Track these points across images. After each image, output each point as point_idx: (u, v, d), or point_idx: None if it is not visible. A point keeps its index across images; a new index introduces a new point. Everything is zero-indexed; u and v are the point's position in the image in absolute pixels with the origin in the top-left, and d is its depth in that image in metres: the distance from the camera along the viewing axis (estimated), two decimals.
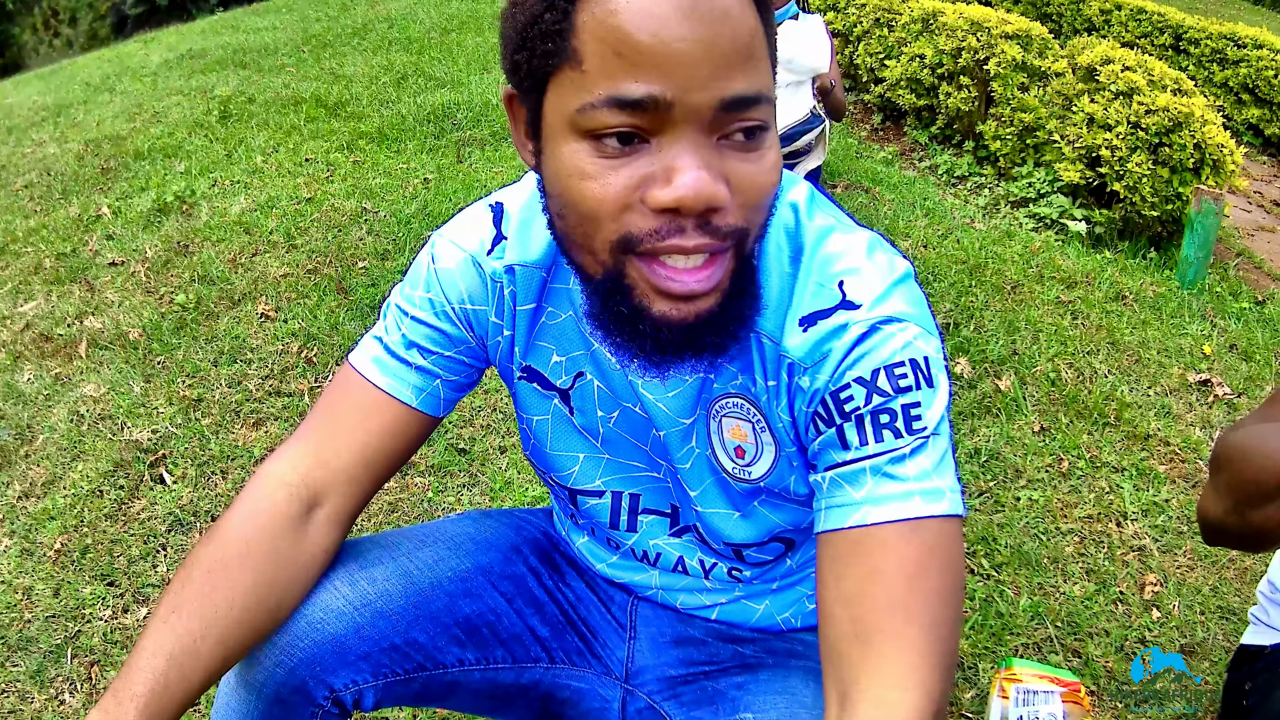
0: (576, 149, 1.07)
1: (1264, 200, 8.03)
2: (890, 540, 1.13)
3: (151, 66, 10.33)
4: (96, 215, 5.59)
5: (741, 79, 1.03)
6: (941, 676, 1.10)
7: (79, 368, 3.93)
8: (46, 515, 3.11)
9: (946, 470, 1.16)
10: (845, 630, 1.12)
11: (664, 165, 1.04)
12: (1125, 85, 5.45)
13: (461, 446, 3.37)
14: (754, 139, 1.07)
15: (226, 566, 1.31)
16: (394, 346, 1.43)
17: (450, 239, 1.43)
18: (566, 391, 1.45)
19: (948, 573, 1.14)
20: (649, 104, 1.02)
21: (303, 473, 1.39)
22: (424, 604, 1.50)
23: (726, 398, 1.34)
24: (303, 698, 1.42)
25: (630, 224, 1.06)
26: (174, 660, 1.23)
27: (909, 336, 1.18)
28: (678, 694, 1.61)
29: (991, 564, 2.91)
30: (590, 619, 1.69)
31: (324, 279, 4.47)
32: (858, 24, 8.37)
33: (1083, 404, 3.66)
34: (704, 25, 1.01)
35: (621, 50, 1.01)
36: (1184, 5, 22.80)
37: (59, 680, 2.58)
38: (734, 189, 1.06)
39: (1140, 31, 11.61)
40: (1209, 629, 2.75)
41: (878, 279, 1.21)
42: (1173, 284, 4.90)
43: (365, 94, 7.95)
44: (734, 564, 1.55)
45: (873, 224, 5.15)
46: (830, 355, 1.20)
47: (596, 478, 1.52)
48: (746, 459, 1.37)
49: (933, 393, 1.17)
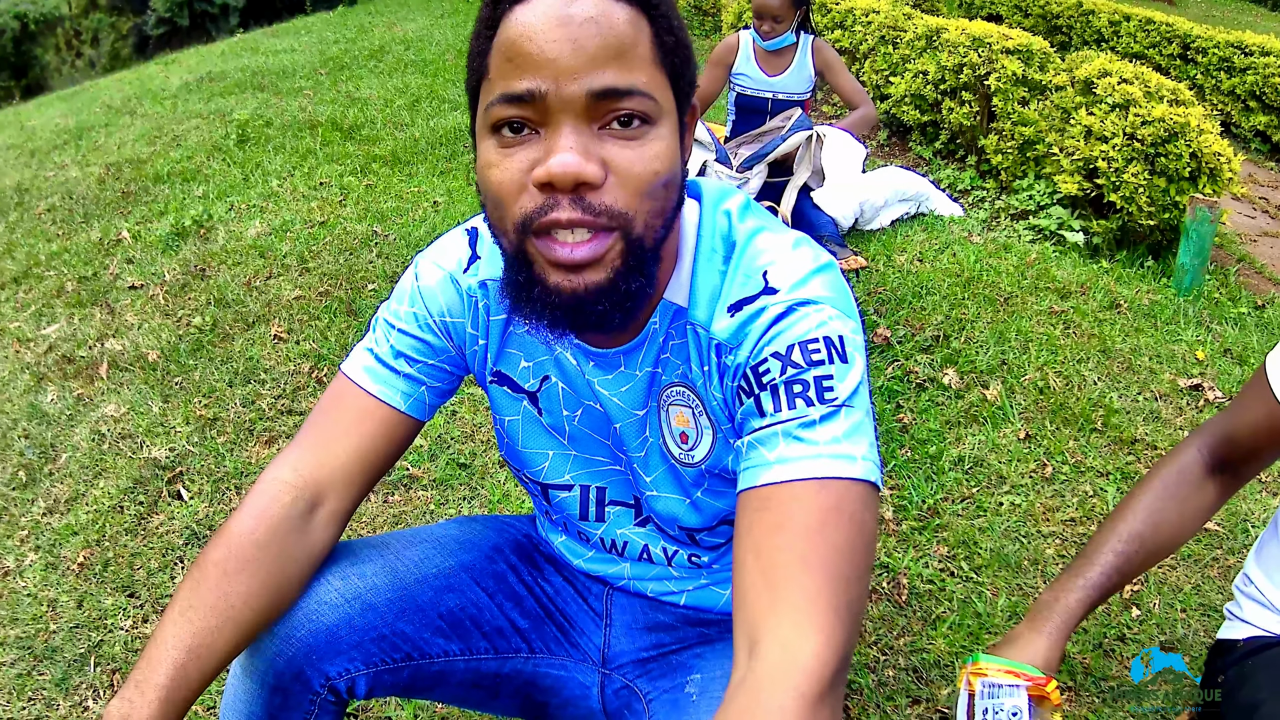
0: (487, 144, 1.28)
1: (1269, 206, 8.01)
2: (798, 496, 1.23)
3: (172, 89, 10.45)
4: (117, 239, 5.71)
5: (612, 73, 1.21)
6: (845, 625, 1.18)
7: (100, 389, 4.04)
8: (70, 530, 3.22)
9: (860, 440, 1.27)
10: (755, 579, 1.22)
11: (546, 149, 1.22)
12: (1122, 97, 5.47)
13: (462, 462, 3.48)
14: (631, 128, 1.24)
15: (239, 565, 1.44)
16: (384, 356, 1.57)
17: (431, 260, 1.59)
18: (534, 394, 1.60)
19: (854, 530, 1.23)
20: (529, 96, 1.21)
21: (305, 475, 1.52)
22: (410, 598, 1.63)
23: (671, 387, 1.49)
24: (301, 686, 1.54)
25: (524, 204, 1.24)
26: (192, 653, 1.36)
27: (824, 316, 1.31)
28: (648, 671, 1.76)
29: (971, 566, 2.98)
30: (568, 610, 1.83)
31: (335, 301, 4.58)
32: (864, 41, 8.42)
33: (1070, 411, 3.71)
34: (573, 29, 1.20)
35: (510, 56, 1.22)
36: (1200, 15, 22.79)
37: (83, 687, 2.67)
38: (612, 171, 1.23)
39: (1149, 42, 11.62)
40: (1190, 625, 2.81)
41: (798, 268, 1.37)
42: (1169, 291, 4.95)
43: (380, 117, 8.05)
44: (692, 550, 1.69)
45: (869, 242, 5.26)
46: (750, 333, 1.34)
47: (565, 472, 1.66)
48: (690, 443, 1.51)
49: (846, 368, 1.30)
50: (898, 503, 3.27)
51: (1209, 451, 1.95)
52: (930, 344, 4.14)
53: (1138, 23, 11.99)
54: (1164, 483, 1.95)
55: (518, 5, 1.22)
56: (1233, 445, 1.91)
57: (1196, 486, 1.94)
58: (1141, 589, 2.93)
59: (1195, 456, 1.95)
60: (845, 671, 1.19)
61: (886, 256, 5.01)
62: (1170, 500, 1.92)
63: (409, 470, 3.42)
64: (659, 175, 1.26)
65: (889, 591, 2.88)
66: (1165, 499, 1.93)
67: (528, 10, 1.21)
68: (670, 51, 1.29)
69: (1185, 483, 1.94)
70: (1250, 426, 1.86)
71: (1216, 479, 1.95)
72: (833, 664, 1.15)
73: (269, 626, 1.50)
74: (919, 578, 2.93)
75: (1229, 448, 1.92)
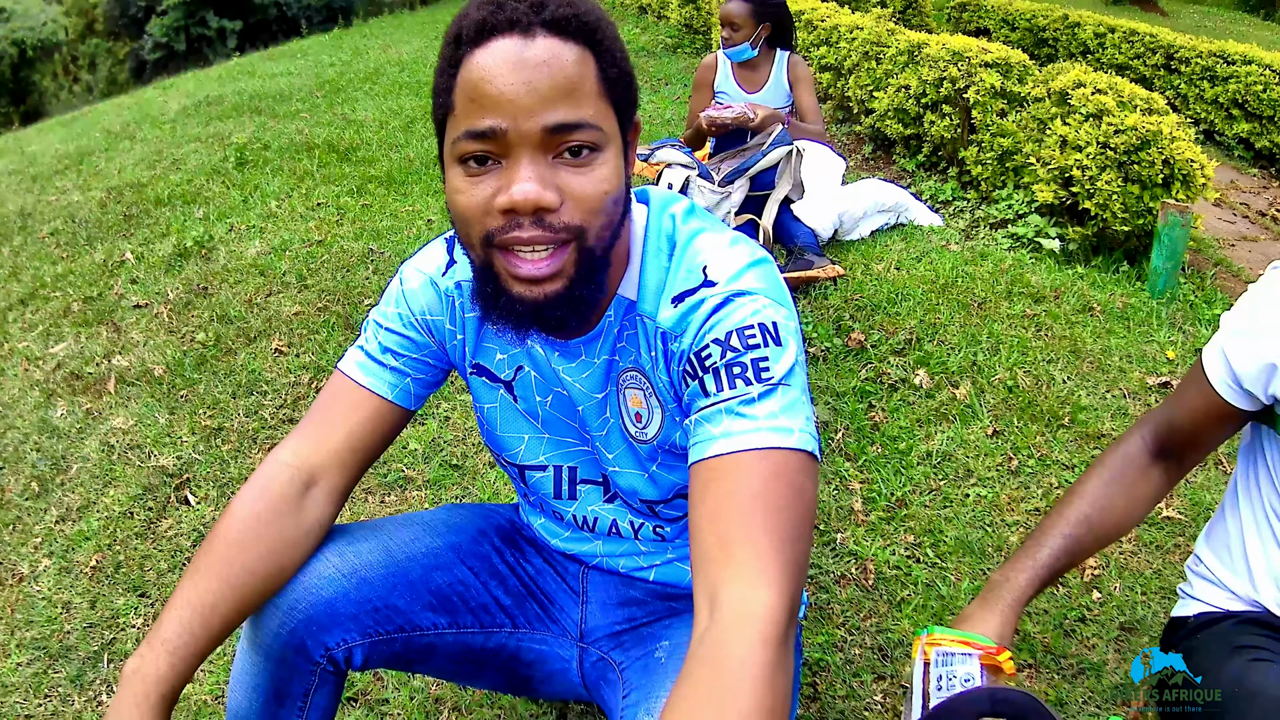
0: (455, 172, 1.46)
1: (1249, 211, 8.10)
2: (743, 465, 1.40)
3: (170, 113, 10.54)
4: (121, 260, 5.84)
5: (562, 110, 1.39)
6: (792, 577, 1.34)
7: (108, 402, 4.19)
8: (82, 536, 3.35)
9: (796, 414, 1.44)
10: (710, 543, 1.37)
11: (507, 178, 1.40)
12: (1095, 107, 5.56)
13: (454, 463, 3.62)
14: (581, 157, 1.42)
15: (241, 536, 1.62)
16: (373, 353, 1.77)
17: (414, 265, 1.79)
18: (510, 383, 1.79)
19: (794, 493, 1.40)
20: (490, 133, 1.39)
21: (302, 458, 1.71)
22: (401, 574, 1.80)
23: (626, 372, 1.67)
24: (303, 656, 1.71)
25: (488, 224, 1.43)
26: (198, 612, 1.54)
27: (758, 305, 1.50)
28: (621, 643, 1.94)
29: (937, 553, 3.10)
30: (548, 588, 2.00)
31: (333, 316, 4.73)
32: (848, 57, 8.52)
33: (1038, 408, 3.82)
34: (527, 73, 1.38)
35: (473, 96, 1.40)
36: (1193, 25, 22.89)
37: (97, 683, 2.80)
38: (566, 195, 1.42)
39: (1134, 53, 11.74)
40: (1150, 607, 2.91)
41: (734, 263, 1.55)
42: (1143, 295, 5.05)
43: (375, 138, 8.17)
44: (654, 522, 1.86)
45: (849, 251, 5.39)
46: (693, 322, 1.53)
47: (540, 454, 1.85)
48: (643, 422, 1.70)
49: (781, 350, 1.47)
50: (867, 495, 3.39)
51: (1152, 439, 2.06)
52: (903, 347, 4.25)
53: (1122, 34, 12.10)
54: (1110, 469, 2.06)
55: (478, 49, 1.39)
56: (1174, 432, 2.03)
57: (1142, 472, 2.05)
58: (1102, 573, 3.04)
59: (1139, 444, 2.07)
60: (796, 618, 1.34)
61: (865, 265, 5.12)
62: (1116, 485, 2.04)
63: (404, 472, 3.55)
64: (608, 195, 1.45)
65: (856, 576, 3.00)
66: (1111, 484, 2.04)
67: (487, 54, 1.38)
68: (613, 82, 1.47)
69: (1130, 468, 2.05)
70: (1189, 414, 1.98)
71: (1161, 465, 2.06)
72: (785, 611, 1.30)
73: (272, 590, 1.67)
74: (886, 564, 3.05)
75: (1171, 435, 2.03)
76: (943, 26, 16.10)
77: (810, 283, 4.77)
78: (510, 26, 1.38)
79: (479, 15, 1.40)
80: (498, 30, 1.38)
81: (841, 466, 3.55)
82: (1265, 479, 1.99)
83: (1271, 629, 1.96)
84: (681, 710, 1.24)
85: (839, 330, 4.41)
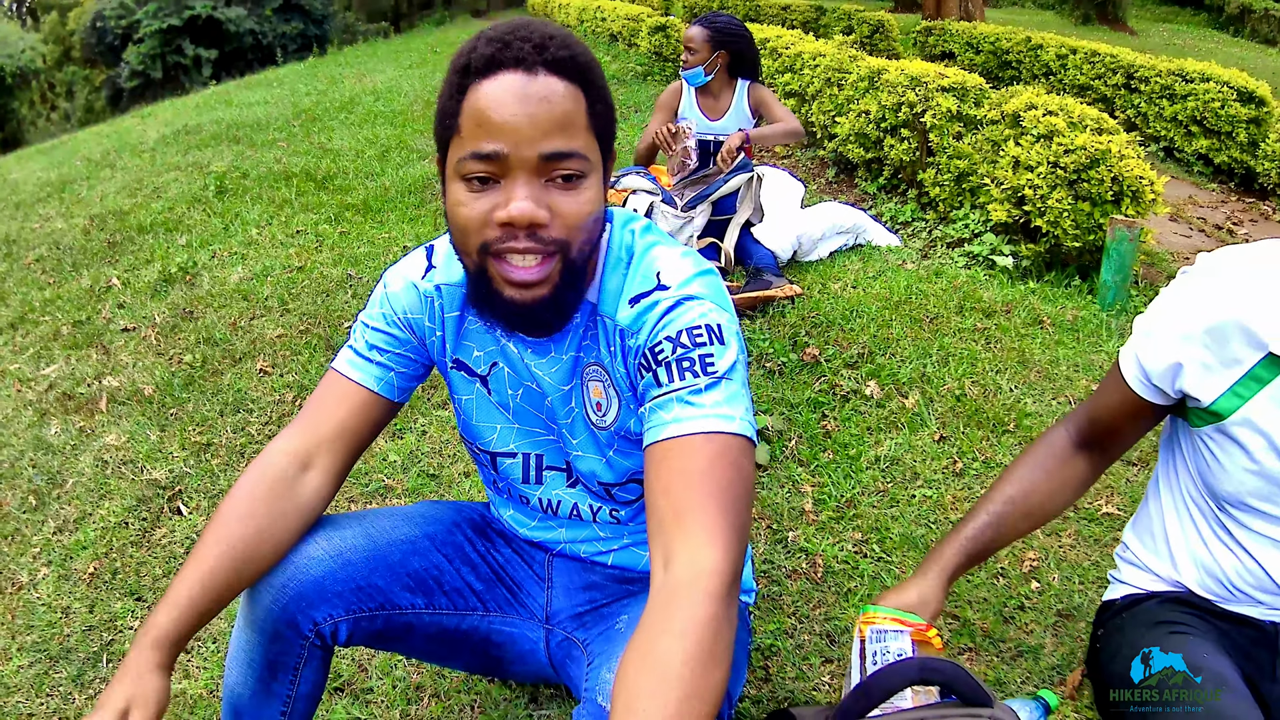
0: (457, 187, 1.66)
1: (1206, 224, 8.27)
2: (692, 446, 1.61)
3: (149, 142, 10.67)
4: (107, 286, 6.00)
5: (558, 141, 1.61)
6: (736, 542, 1.53)
7: (101, 421, 4.35)
8: (79, 546, 3.51)
9: (737, 405, 1.66)
10: (665, 513, 1.57)
11: (506, 196, 1.61)
12: (1046, 128, 5.72)
13: (431, 473, 3.79)
14: (571, 182, 1.64)
15: (242, 512, 1.83)
16: (360, 350, 1.99)
17: (397, 271, 2.01)
18: (485, 377, 2.01)
19: (736, 471, 1.61)
20: (494, 156, 1.59)
21: (297, 444, 1.92)
22: (382, 557, 2.00)
23: (590, 366, 1.89)
24: (294, 631, 1.91)
25: (486, 234, 1.64)
26: (203, 582, 1.74)
27: (705, 309, 1.72)
28: (584, 623, 2.15)
29: (883, 549, 3.27)
30: (515, 575, 2.22)
31: (314, 338, 4.93)
32: (811, 84, 8.72)
33: (984, 415, 4.00)
34: (530, 105, 1.59)
35: (480, 122, 1.60)
36: (1162, 43, 23.09)
37: (97, 682, 2.95)
38: (555, 214, 1.63)
39: (1095, 73, 11.93)
40: (1086, 594, 3.08)
41: (684, 271, 1.79)
42: (1094, 307, 5.23)
43: (352, 167, 8.35)
44: (611, 505, 2.08)
45: (807, 271, 5.57)
46: (648, 321, 1.75)
47: (510, 442, 2.06)
48: (602, 411, 1.92)
49: (724, 348, 1.69)
50: (818, 497, 3.56)
51: (1076, 431, 2.24)
52: (856, 360, 4.43)
53: (1084, 55, 12.31)
54: (1035, 456, 2.24)
55: (485, 80, 1.60)
56: (1095, 425, 2.20)
57: (1065, 460, 2.23)
58: (1041, 565, 3.22)
59: (1063, 435, 2.25)
60: (739, 577, 1.53)
61: (822, 284, 5.31)
62: (1040, 470, 2.22)
63: (384, 481, 3.72)
64: (590, 214, 1.68)
65: (807, 571, 3.18)
66: (1036, 469, 2.22)
67: (494, 86, 1.59)
68: (600, 117, 1.70)
69: (1054, 456, 2.23)
70: (1108, 408, 2.15)
71: (1085, 454, 2.23)
72: (730, 569, 1.50)
73: (269, 563, 1.87)
74: (834, 559, 3.23)
75: (1092, 427, 2.21)
76: (910, 51, 16.29)
77: (768, 302, 4.95)
78: (516, 64, 1.59)
79: (489, 50, 1.61)
80: (505, 66, 1.60)
81: (794, 471, 3.72)
82: (1183, 468, 2.16)
83: (1191, 606, 2.13)
84: (636, 650, 1.42)
85: (795, 346, 4.58)
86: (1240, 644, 2.09)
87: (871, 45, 15.64)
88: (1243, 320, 1.86)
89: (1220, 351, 1.90)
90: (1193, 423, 2.05)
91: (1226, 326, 1.88)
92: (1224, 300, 1.88)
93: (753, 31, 5.91)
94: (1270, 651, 2.09)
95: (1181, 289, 1.98)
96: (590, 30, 18.71)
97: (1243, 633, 2.10)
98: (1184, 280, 1.99)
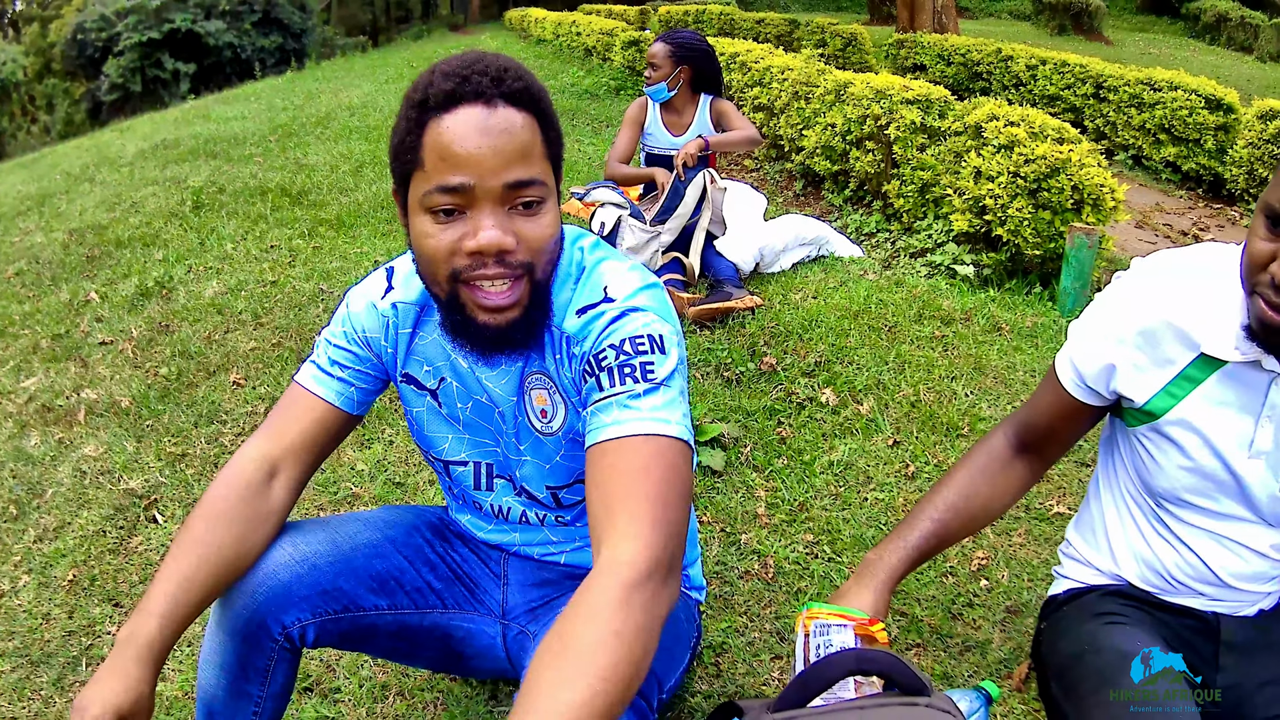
0: (422, 220, 1.74)
1: (1172, 231, 8.40)
2: (627, 446, 1.70)
3: (128, 156, 10.72)
4: (86, 300, 6.08)
5: (519, 170, 1.70)
6: (663, 535, 1.60)
7: (79, 432, 4.43)
8: (58, 554, 3.57)
9: (675, 410, 1.75)
10: (599, 509, 1.67)
11: (473, 226, 1.69)
12: (1007, 139, 5.83)
13: (397, 481, 3.87)
14: (532, 208, 1.74)
15: (215, 517, 1.91)
16: (323, 365, 2.09)
17: (358, 291, 2.11)
18: (435, 391, 2.11)
19: (670, 470, 1.69)
20: (460, 189, 1.67)
21: (264, 452, 2.01)
22: (346, 561, 2.10)
23: (533, 375, 1.99)
24: (264, 634, 2.00)
25: (455, 263, 1.72)
26: (180, 586, 1.82)
27: (648, 319, 1.82)
28: (537, 617, 2.27)
29: (833, 550, 3.35)
30: (473, 574, 2.32)
31: (286, 351, 5.01)
32: (779, 97, 8.82)
33: (938, 420, 4.09)
34: (493, 138, 1.67)
35: (445, 156, 1.67)
36: (1138, 52, 23.18)
37: (77, 686, 3.00)
38: (520, 239, 1.73)
39: (1064, 83, 12.05)
40: (1035, 591, 3.16)
41: (630, 284, 1.88)
42: (1054, 314, 5.32)
43: (326, 182, 8.42)
44: (558, 511, 2.20)
45: (769, 283, 5.65)
46: (593, 330, 1.84)
47: (461, 451, 2.17)
48: (548, 417, 2.03)
49: (664, 358, 1.79)
50: (771, 500, 3.64)
51: (1014, 435, 2.32)
52: (813, 369, 4.52)
53: (1053, 66, 12.41)
54: (975, 462, 2.32)
55: (446, 114, 1.69)
56: (1032, 429, 2.28)
57: (1005, 464, 2.31)
58: (990, 563, 3.29)
59: (1002, 439, 2.33)
60: (662, 571, 1.59)
61: (783, 295, 5.40)
62: (980, 475, 2.30)
63: (352, 489, 3.79)
64: (551, 237, 1.79)
65: (758, 571, 3.26)
66: (976, 474, 2.30)
67: (455, 120, 1.68)
68: (553, 144, 1.80)
69: (993, 460, 2.31)
70: (1045, 412, 2.23)
71: (1024, 458, 2.31)
72: (648, 562, 1.56)
73: (242, 569, 1.96)
74: (786, 560, 3.31)
75: (1030, 431, 2.29)
76: (882, 64, 16.39)
77: (728, 313, 5.04)
78: (476, 97, 1.68)
79: (447, 85, 1.69)
80: (464, 100, 1.68)
81: (749, 477, 3.80)
82: (1121, 466, 2.24)
83: (1130, 598, 2.22)
84: (549, 634, 1.50)
85: (753, 355, 4.67)
86: (1182, 634, 2.17)
87: (844, 59, 15.73)
88: (1174, 321, 1.94)
89: (1152, 352, 1.98)
90: (1128, 422, 2.12)
91: (1158, 328, 1.96)
92: (1156, 302, 1.96)
93: (724, 46, 6.01)
94: (1212, 641, 2.17)
95: (1115, 292, 2.06)
96: (565, 45, 18.76)
97: (1184, 623, 2.18)
98: (1118, 284, 2.06)
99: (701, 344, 4.80)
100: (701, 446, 3.87)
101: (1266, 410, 1.95)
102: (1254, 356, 1.88)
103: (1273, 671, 2.11)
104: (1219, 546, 2.11)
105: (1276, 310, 1.74)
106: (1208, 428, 1.98)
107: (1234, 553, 2.11)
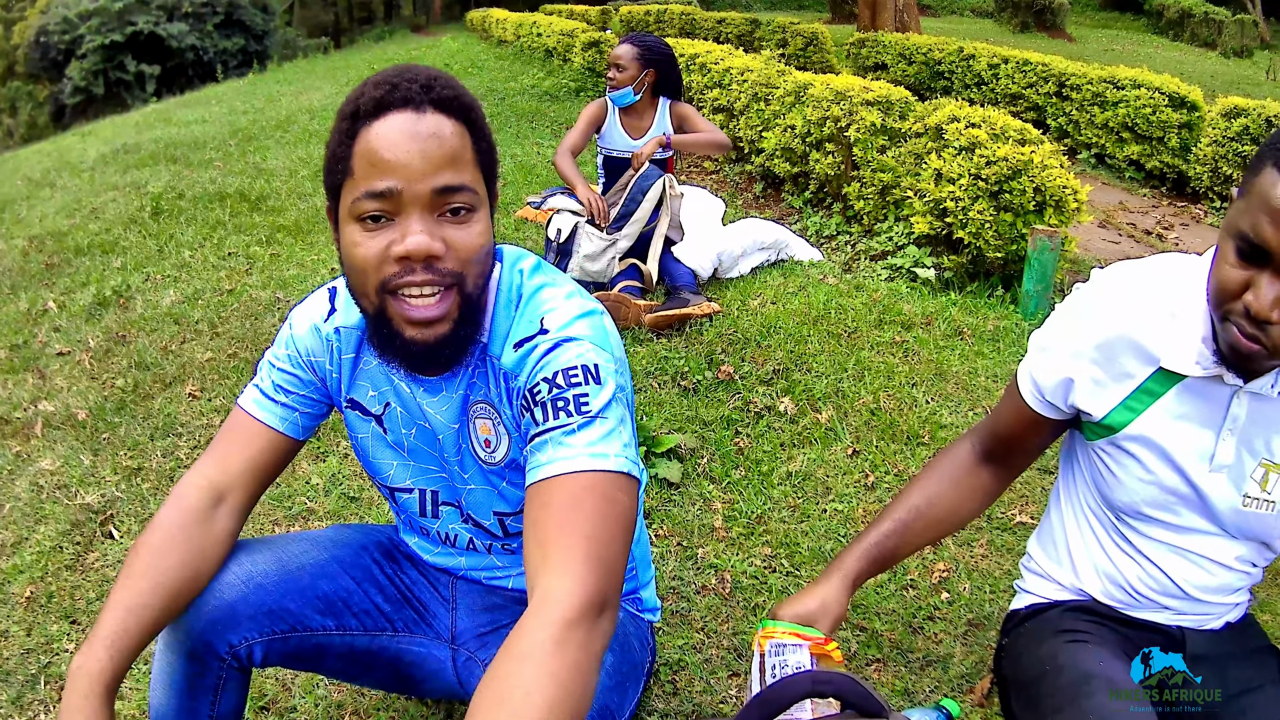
0: (352, 229, 1.73)
1: (1135, 230, 8.43)
2: (560, 484, 1.68)
3: (89, 161, 10.68)
4: (44, 309, 6.06)
5: (448, 175, 1.69)
6: (595, 572, 1.58)
7: (36, 446, 4.40)
8: (16, 570, 3.54)
9: (613, 441, 1.73)
10: (533, 548, 1.65)
11: (401, 232, 1.68)
12: (968, 140, 5.85)
13: (352, 495, 3.86)
14: (460, 215, 1.73)
15: (163, 544, 1.89)
16: (267, 390, 2.07)
17: (301, 312, 2.10)
18: (379, 416, 2.10)
19: (606, 504, 1.67)
20: (388, 193, 1.66)
21: (211, 479, 1.99)
22: (293, 581, 2.09)
23: (478, 404, 1.98)
24: (211, 653, 1.99)
25: (384, 271, 1.71)
26: (131, 611, 1.79)
27: (583, 349, 1.80)
28: (485, 643, 2.26)
29: (792, 564, 3.35)
30: (422, 596, 2.31)
31: (242, 362, 5.00)
32: (739, 99, 8.83)
33: (898, 428, 4.09)
34: (420, 143, 1.67)
35: (373, 162, 1.67)
36: (1101, 48, 23.27)
37: (35, 703, 2.98)
38: (449, 246, 1.71)
39: (1026, 82, 12.08)
40: (998, 603, 3.16)
41: (567, 313, 1.86)
42: (1016, 316, 5.34)
43: (285, 188, 8.42)
44: (504, 540, 2.19)
45: (728, 289, 5.66)
46: (528, 363, 1.83)
47: (406, 478, 2.16)
48: (491, 447, 2.01)
49: (599, 388, 1.77)
50: (728, 513, 3.64)
51: (980, 444, 2.31)
52: (771, 377, 4.53)
53: (1015, 64, 12.44)
54: (939, 468, 2.31)
55: (376, 121, 1.69)
56: (994, 438, 2.27)
57: (969, 471, 2.30)
58: (951, 575, 3.30)
59: (966, 448, 2.32)
60: (599, 608, 1.58)
61: (741, 301, 5.40)
62: (944, 481, 2.29)
63: (307, 504, 3.78)
64: (482, 247, 1.77)
65: (715, 587, 3.26)
66: (939, 480, 2.29)
67: (385, 126, 1.68)
68: (484, 154, 1.80)
69: (957, 467, 2.30)
70: (1007, 423, 2.23)
71: (989, 467, 2.31)
72: (581, 600, 1.55)
73: (191, 593, 1.93)
74: (744, 574, 3.31)
75: (992, 440, 2.28)
76: (843, 63, 16.40)
77: (686, 320, 5.04)
78: (405, 103, 1.68)
79: (377, 94, 1.70)
80: (393, 106, 1.68)
81: (706, 489, 3.80)
82: (1081, 479, 2.23)
83: (1093, 614, 2.20)
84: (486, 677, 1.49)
85: (711, 364, 4.68)
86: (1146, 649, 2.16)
87: (805, 58, 15.76)
88: (1132, 336, 1.93)
89: (1110, 367, 1.97)
90: (1088, 436, 2.12)
91: (1116, 342, 1.95)
92: (1114, 316, 1.95)
93: (684, 47, 5.99)
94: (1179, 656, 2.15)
95: (1073, 305, 2.04)
96: (526, 46, 18.74)
97: (1148, 638, 2.16)
98: (1077, 296, 2.05)
99: (658, 352, 4.82)
100: (658, 458, 3.87)
101: (1228, 424, 1.94)
102: (1215, 372, 1.88)
103: (1246, 681, 2.11)
104: (1182, 560, 2.10)
105: (1252, 340, 1.74)
106: (1167, 442, 1.98)
107: (1198, 565, 2.10)
